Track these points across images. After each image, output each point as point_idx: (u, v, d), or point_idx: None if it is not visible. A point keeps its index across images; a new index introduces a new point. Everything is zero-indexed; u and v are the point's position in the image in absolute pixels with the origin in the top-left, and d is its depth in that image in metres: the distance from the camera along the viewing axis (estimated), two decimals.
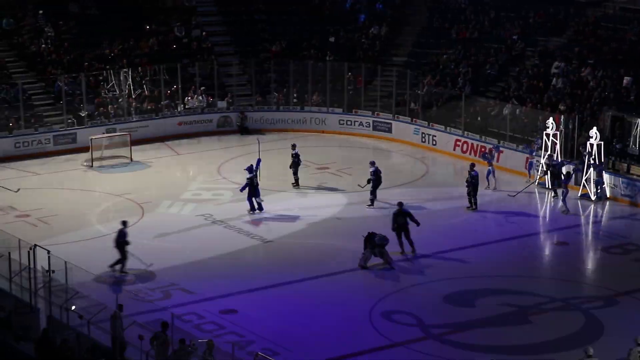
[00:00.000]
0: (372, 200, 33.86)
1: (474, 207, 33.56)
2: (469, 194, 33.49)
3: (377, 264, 28.63)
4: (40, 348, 21.60)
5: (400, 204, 29.82)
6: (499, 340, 24.28)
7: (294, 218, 32.96)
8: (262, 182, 33.87)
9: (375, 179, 33.84)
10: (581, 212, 34.11)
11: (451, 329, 24.92)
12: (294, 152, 36.24)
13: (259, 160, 34.03)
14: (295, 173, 36.07)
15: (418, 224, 29.52)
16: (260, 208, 33.15)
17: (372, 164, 34.17)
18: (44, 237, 29.69)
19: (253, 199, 33.13)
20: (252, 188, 33.10)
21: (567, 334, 24.54)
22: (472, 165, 33.90)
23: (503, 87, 41.83)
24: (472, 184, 33.41)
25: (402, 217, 29.52)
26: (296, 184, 35.97)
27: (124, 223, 28.29)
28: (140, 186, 35.56)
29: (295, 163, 36.11)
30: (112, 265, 27.80)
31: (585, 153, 34.75)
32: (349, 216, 33.35)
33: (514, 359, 23.51)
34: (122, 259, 27.86)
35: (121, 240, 27.90)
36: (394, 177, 37.26)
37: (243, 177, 33.57)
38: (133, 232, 31.25)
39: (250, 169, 33.08)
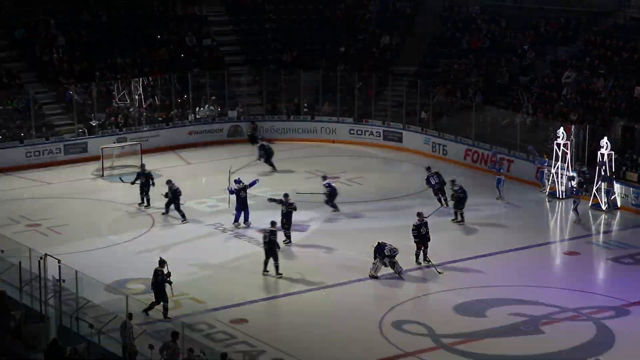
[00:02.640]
0: (335, 207, 34.04)
1: (459, 219, 33.06)
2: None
3: (387, 273, 28.59)
4: (50, 357, 21.61)
5: (420, 214, 29.71)
6: (509, 350, 24.24)
7: (303, 228, 32.92)
8: (270, 192, 33.82)
9: (331, 193, 33.95)
10: (592, 221, 34.03)
11: (462, 338, 24.87)
12: (325, 182, 34.79)
13: (254, 182, 33.80)
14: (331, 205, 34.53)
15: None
16: (245, 221, 33.03)
17: (324, 178, 34.42)
18: (54, 246, 29.72)
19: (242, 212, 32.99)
20: (239, 200, 32.92)
21: (578, 344, 24.46)
22: (453, 181, 33.44)
23: (514, 96, 41.77)
24: (459, 198, 32.94)
25: (424, 228, 29.44)
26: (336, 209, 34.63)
27: (161, 263, 26.09)
28: (151, 196, 35.53)
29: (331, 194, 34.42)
30: (145, 311, 25.93)
31: (583, 170, 34.70)
32: (358, 225, 33.31)
33: None
34: (157, 302, 26.00)
35: (158, 280, 25.98)
36: (404, 187, 37.24)
37: (254, 187, 33.58)
38: (143, 242, 31.41)
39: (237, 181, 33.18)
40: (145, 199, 34.76)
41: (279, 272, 28.60)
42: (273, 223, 29.39)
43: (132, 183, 34.92)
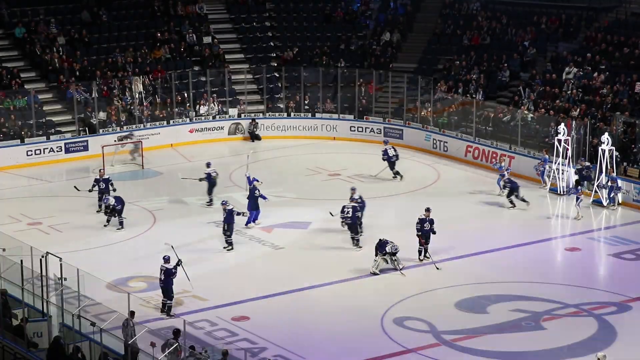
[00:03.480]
0: (211, 201, 34.33)
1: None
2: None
3: (388, 270, 28.60)
4: (52, 355, 21.64)
5: (428, 210, 29.73)
6: (511, 346, 24.24)
7: (305, 224, 32.96)
8: (272, 190, 33.85)
9: (211, 181, 34.28)
10: (593, 217, 34.04)
11: (463, 335, 24.89)
12: (355, 196, 32.06)
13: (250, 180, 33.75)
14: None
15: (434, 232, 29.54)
16: (254, 220, 32.95)
17: (208, 165, 34.71)
18: (55, 244, 29.73)
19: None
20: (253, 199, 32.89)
21: (579, 339, 24.48)
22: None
23: (515, 93, 41.76)
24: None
25: (428, 224, 29.41)
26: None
27: (166, 260, 26.21)
28: (152, 193, 35.56)
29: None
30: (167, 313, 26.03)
31: (587, 166, 34.73)
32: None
33: None
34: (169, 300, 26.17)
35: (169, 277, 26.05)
36: (405, 184, 37.27)
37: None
38: (144, 240, 31.44)
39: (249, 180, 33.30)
40: (103, 205, 33.05)
41: (359, 245, 30.45)
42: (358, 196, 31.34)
43: (90, 190, 33.61)
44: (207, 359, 21.14)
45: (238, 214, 30.95)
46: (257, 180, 33.31)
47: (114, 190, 33.64)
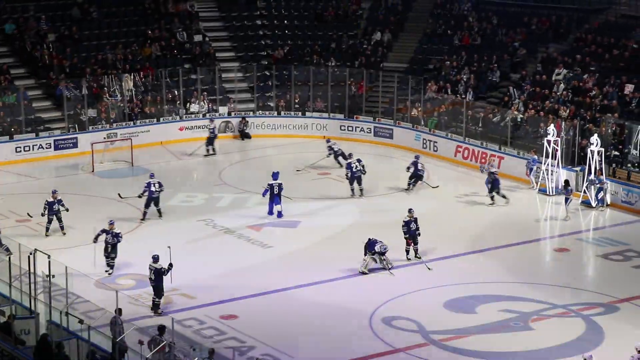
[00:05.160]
0: (144, 214, 33.06)
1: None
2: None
3: (377, 270, 28.60)
4: (39, 353, 21.58)
5: (410, 211, 29.72)
6: (499, 347, 24.26)
7: (294, 223, 32.95)
8: (261, 189, 33.87)
9: (151, 195, 32.78)
10: (582, 218, 34.10)
11: (452, 335, 24.90)
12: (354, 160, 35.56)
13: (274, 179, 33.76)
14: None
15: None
16: (279, 215, 33.21)
17: (151, 176, 33.32)
18: (44, 241, 29.66)
19: (274, 205, 33.24)
20: (272, 194, 33.17)
21: (567, 340, 24.51)
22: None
23: (505, 93, 41.81)
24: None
25: (414, 224, 29.43)
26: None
27: (155, 259, 26.02)
28: (140, 192, 35.42)
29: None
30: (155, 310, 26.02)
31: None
32: (349, 221, 33.36)
33: None
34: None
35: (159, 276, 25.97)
36: (395, 183, 37.29)
37: (244, 182, 33.62)
38: (133, 237, 31.36)
39: (275, 176, 33.31)
40: (60, 227, 31.78)
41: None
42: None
43: (42, 214, 31.53)
44: (189, 355, 21.10)
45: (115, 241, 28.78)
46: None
47: (67, 210, 31.85)
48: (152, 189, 32.72)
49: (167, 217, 33.42)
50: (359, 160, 35.74)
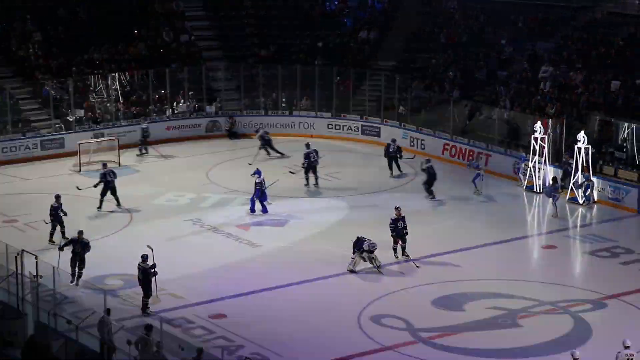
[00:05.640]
0: (101, 203, 33.63)
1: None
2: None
3: (366, 268, 28.61)
4: (27, 354, 21.51)
5: (397, 209, 29.73)
6: (487, 344, 24.29)
7: (282, 222, 32.95)
8: (249, 187, 33.87)
9: (108, 184, 33.54)
10: (569, 215, 34.18)
11: (440, 332, 24.92)
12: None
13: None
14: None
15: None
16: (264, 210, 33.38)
17: (104, 166, 34.27)
18: (31, 242, 29.58)
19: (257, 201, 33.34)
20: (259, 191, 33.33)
21: (555, 337, 24.56)
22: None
23: (492, 91, 41.86)
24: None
25: (401, 222, 29.45)
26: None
27: (144, 258, 26.01)
28: (128, 191, 35.42)
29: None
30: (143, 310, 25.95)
31: (569, 162, 34.89)
32: (337, 219, 33.37)
33: None
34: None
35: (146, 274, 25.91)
36: (382, 182, 37.34)
37: (232, 182, 33.60)
38: (121, 238, 31.32)
39: (259, 173, 33.38)
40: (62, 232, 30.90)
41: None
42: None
43: (46, 222, 30.75)
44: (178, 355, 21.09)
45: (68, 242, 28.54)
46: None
47: (65, 214, 31.16)
48: (108, 178, 33.59)
49: (154, 216, 33.38)
50: (315, 151, 36.56)
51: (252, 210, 33.46)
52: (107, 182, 33.61)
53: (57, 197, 31.04)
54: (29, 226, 32.02)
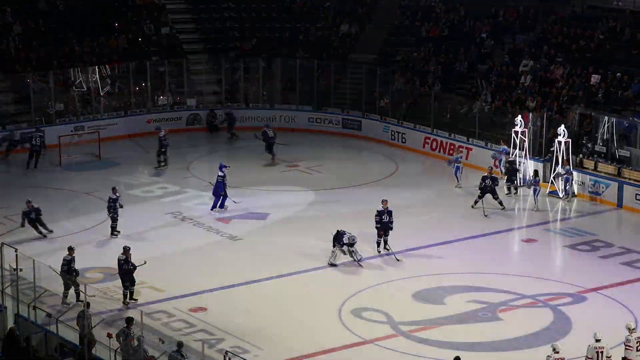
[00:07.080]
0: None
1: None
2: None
3: (346, 261, 28.63)
4: (7, 347, 21.47)
5: (385, 201, 29.74)
6: (468, 337, 24.36)
7: (263, 215, 32.93)
8: (231, 181, 33.82)
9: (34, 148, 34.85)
10: (549, 209, 34.28)
11: (421, 326, 24.98)
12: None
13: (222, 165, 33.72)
14: None
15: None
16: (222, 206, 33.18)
17: (38, 129, 35.61)
18: (10, 235, 29.49)
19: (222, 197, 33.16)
20: (222, 186, 33.14)
21: (535, 330, 24.66)
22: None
23: (472, 84, 41.92)
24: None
25: (387, 215, 29.46)
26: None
27: (125, 251, 26.10)
28: (109, 184, 35.31)
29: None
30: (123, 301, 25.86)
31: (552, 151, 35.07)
32: (318, 213, 33.39)
33: (483, 356, 23.56)
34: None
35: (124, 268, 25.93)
36: (363, 175, 37.37)
37: (213, 175, 33.55)
38: (101, 231, 31.23)
39: (221, 167, 33.15)
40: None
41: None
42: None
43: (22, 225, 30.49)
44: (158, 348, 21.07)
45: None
46: (227, 167, 33.30)
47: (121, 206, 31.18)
48: (33, 142, 37.29)
49: (135, 209, 33.26)
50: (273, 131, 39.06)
51: (222, 206, 33.24)
52: (33, 146, 37.37)
53: (28, 202, 30.55)
54: (8, 219, 31.83)
